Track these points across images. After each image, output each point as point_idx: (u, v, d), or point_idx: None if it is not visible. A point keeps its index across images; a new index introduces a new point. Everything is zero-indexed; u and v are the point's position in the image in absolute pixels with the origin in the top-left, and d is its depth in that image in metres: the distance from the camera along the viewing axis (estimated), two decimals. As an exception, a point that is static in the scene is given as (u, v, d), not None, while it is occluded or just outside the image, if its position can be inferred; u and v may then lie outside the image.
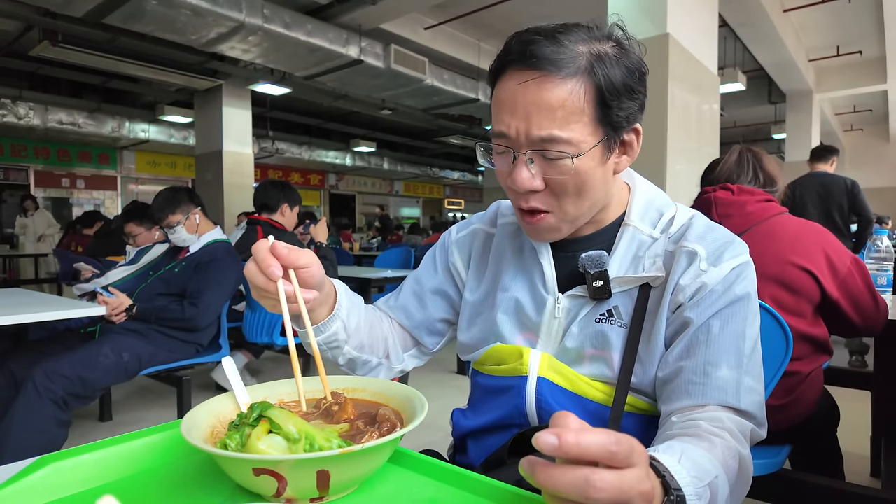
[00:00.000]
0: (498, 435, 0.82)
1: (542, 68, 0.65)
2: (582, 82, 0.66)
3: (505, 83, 0.68)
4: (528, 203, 0.71)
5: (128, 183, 12.02)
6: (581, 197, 0.71)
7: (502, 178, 0.73)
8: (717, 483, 0.54)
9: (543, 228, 0.73)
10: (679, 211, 0.78)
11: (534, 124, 0.66)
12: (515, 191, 0.71)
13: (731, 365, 0.67)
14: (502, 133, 0.69)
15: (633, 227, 0.76)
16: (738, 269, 0.71)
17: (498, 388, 0.81)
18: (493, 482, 0.52)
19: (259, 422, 0.52)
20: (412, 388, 0.64)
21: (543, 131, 0.65)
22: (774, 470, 1.31)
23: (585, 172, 0.69)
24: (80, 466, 0.56)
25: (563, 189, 0.70)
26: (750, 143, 1.61)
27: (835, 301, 1.35)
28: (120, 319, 2.26)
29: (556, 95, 0.65)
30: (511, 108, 0.67)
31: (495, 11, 6.08)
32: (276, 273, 0.62)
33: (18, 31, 6.00)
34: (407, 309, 0.91)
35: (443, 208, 19.50)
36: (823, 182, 3.77)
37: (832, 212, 3.71)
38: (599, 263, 0.73)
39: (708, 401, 0.66)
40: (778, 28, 6.09)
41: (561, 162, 0.67)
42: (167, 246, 2.69)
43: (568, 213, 0.72)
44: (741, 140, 10.82)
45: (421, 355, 0.94)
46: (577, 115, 0.66)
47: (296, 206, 3.18)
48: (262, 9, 4.90)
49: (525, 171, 0.68)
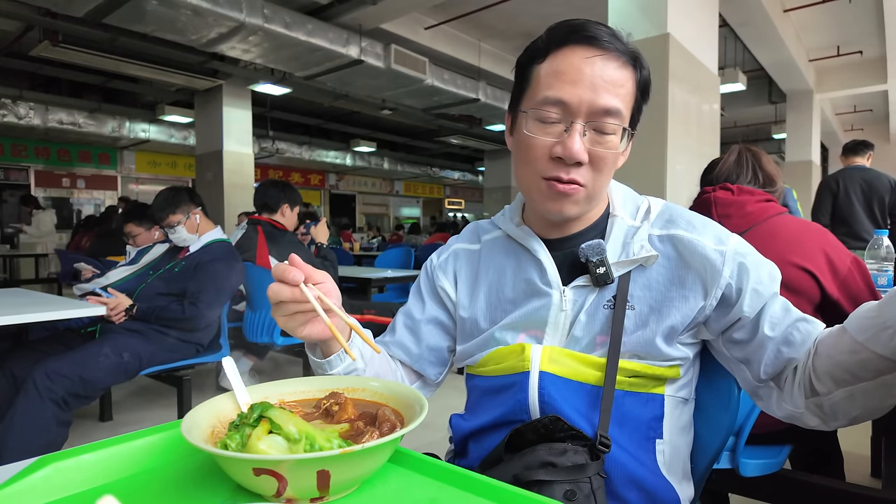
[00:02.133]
0: (499, 433, 0.81)
1: (608, 49, 0.71)
2: (632, 72, 0.74)
3: (566, 57, 0.72)
4: (570, 174, 0.73)
5: (128, 183, 12.03)
6: (607, 177, 0.76)
7: (543, 148, 0.73)
8: None
9: (575, 199, 0.75)
10: (651, 202, 0.83)
11: (600, 95, 0.70)
12: (562, 161, 0.72)
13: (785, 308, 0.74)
14: (561, 100, 0.71)
15: (620, 218, 0.81)
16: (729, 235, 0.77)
17: (498, 387, 0.81)
18: (494, 482, 0.52)
19: (259, 422, 0.52)
20: (412, 389, 0.64)
21: (609, 103, 0.70)
22: (774, 470, 1.31)
23: (618, 154, 0.74)
24: (81, 466, 0.56)
25: (603, 165, 0.73)
26: (750, 143, 1.61)
27: (835, 301, 1.35)
28: (120, 319, 2.26)
29: (621, 74, 0.72)
30: (575, 78, 0.71)
31: (495, 11, 6.08)
32: (298, 277, 0.63)
33: (19, 31, 6.00)
34: (403, 344, 0.92)
35: (443, 208, 19.50)
36: (867, 177, 3.66)
37: (874, 207, 3.61)
38: (599, 251, 0.76)
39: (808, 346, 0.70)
40: (778, 28, 6.09)
41: (611, 138, 0.72)
42: (167, 246, 2.69)
43: (596, 191, 0.76)
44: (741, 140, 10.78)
45: (426, 387, 0.95)
46: (629, 97, 0.73)
47: (296, 207, 3.18)
48: (263, 9, 4.90)
49: (579, 140, 0.71)
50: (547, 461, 0.68)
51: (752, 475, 1.27)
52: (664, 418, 0.78)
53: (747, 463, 1.27)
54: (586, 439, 0.71)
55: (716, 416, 0.89)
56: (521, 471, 0.68)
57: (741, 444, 1.22)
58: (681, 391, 0.80)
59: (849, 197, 3.62)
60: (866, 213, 3.57)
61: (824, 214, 3.67)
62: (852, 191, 3.62)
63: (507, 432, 0.76)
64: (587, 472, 0.67)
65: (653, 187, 3.26)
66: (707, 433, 0.89)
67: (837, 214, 3.64)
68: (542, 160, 0.74)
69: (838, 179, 3.67)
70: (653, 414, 0.77)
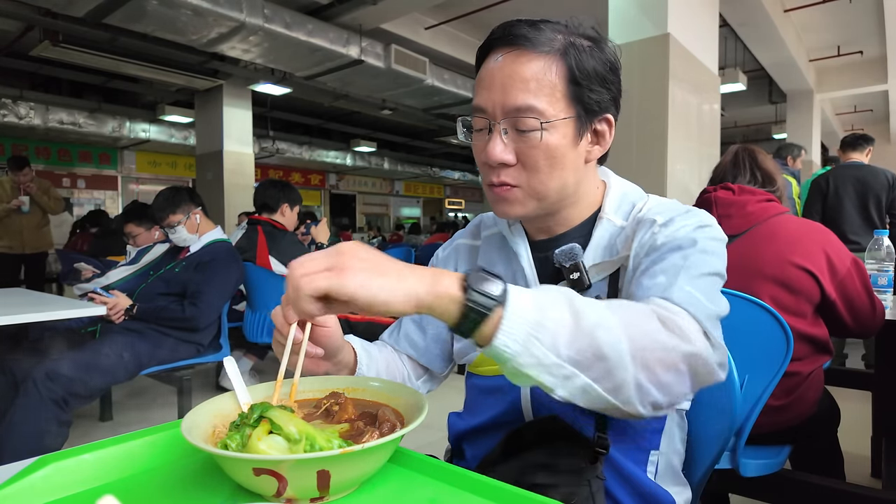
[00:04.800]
0: (493, 434, 0.82)
1: (519, 44, 0.70)
2: (555, 60, 0.70)
3: (485, 64, 0.73)
4: (499, 177, 0.73)
5: (128, 183, 12.02)
6: (551, 175, 0.72)
7: (479, 154, 0.75)
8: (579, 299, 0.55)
9: (511, 200, 0.74)
10: (650, 199, 0.79)
11: (509, 95, 0.69)
12: (489, 164, 0.73)
13: (668, 274, 0.65)
14: (480, 107, 0.73)
15: (607, 219, 0.78)
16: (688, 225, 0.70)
17: (492, 388, 0.82)
18: (494, 482, 0.52)
19: (259, 422, 0.52)
20: (413, 389, 0.64)
21: (518, 101, 0.69)
22: (775, 470, 1.31)
23: (556, 148, 0.71)
24: (81, 466, 0.57)
25: (534, 163, 0.71)
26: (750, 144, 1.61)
27: (832, 301, 1.35)
28: (119, 319, 2.26)
29: (530, 68, 0.69)
30: (489, 83, 0.71)
31: (495, 11, 6.08)
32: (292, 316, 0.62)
33: (19, 30, 6.00)
34: (410, 337, 0.92)
35: (443, 208, 19.49)
36: (861, 175, 3.48)
37: (869, 206, 3.44)
38: (572, 256, 0.75)
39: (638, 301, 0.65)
40: (779, 28, 6.08)
41: (532, 135, 0.70)
42: (167, 246, 2.69)
43: (537, 190, 0.73)
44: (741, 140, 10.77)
45: (432, 380, 0.96)
46: (548, 87, 0.69)
47: (296, 207, 3.18)
48: (263, 9, 4.90)
49: (499, 141, 0.71)
50: (545, 463, 0.67)
51: (752, 475, 1.27)
52: (664, 431, 0.77)
53: (747, 463, 1.27)
54: (585, 440, 0.70)
55: (715, 419, 0.89)
56: (520, 473, 0.68)
57: (741, 444, 1.22)
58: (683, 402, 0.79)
59: (839, 197, 3.49)
60: (859, 213, 3.44)
61: (814, 215, 3.56)
62: (843, 191, 3.49)
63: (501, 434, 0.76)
64: (586, 474, 0.67)
65: (653, 187, 3.25)
66: (706, 436, 0.89)
67: (827, 215, 3.52)
68: (482, 167, 0.76)
69: (829, 179, 3.54)
70: (652, 426, 0.76)
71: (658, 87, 3.25)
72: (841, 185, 3.50)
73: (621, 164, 3.39)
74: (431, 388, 0.96)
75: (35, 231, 4.84)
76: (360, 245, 0.54)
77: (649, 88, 3.29)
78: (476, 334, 0.53)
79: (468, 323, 0.52)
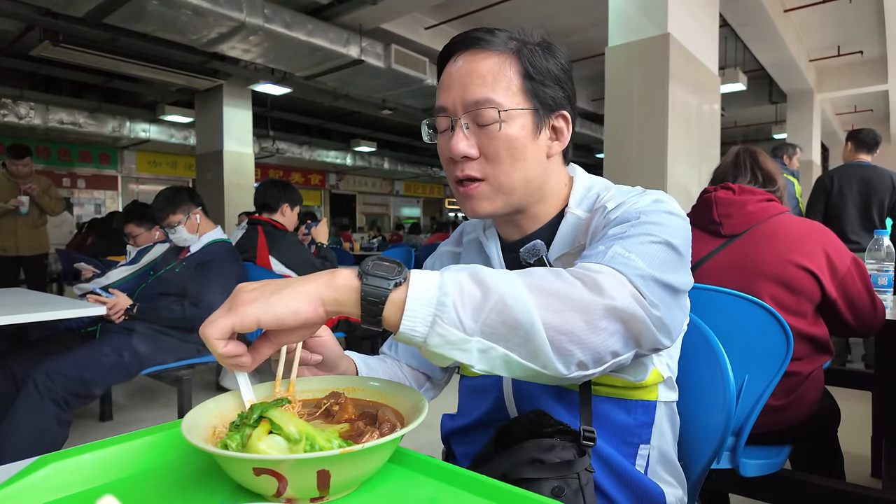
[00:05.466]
0: (480, 432, 0.84)
1: (474, 46, 0.74)
2: (509, 57, 0.74)
3: (446, 68, 0.77)
4: (464, 171, 0.75)
5: (128, 183, 12.02)
6: (513, 166, 0.74)
7: (443, 154, 0.78)
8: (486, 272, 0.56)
9: (478, 196, 0.76)
10: (612, 189, 0.80)
11: (468, 90, 0.73)
12: (453, 159, 0.75)
13: (605, 244, 0.65)
14: (442, 107, 0.76)
15: (571, 213, 0.79)
16: (638, 205, 0.70)
17: (478, 388, 0.84)
18: (494, 482, 0.52)
19: (259, 422, 0.52)
20: (413, 389, 0.64)
21: (477, 94, 0.72)
22: (774, 470, 1.31)
23: (516, 139, 0.73)
24: (81, 466, 0.57)
25: (496, 155, 0.74)
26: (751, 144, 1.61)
27: (832, 301, 1.35)
28: (119, 319, 2.26)
29: (486, 64, 0.73)
30: (448, 84, 0.75)
31: (495, 11, 6.08)
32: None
33: (19, 30, 6.00)
34: (409, 347, 0.94)
35: (443, 208, 19.50)
36: (866, 175, 3.43)
37: (871, 207, 3.41)
38: (536, 252, 0.77)
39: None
40: (779, 28, 6.08)
41: (491, 126, 0.73)
42: (168, 246, 2.69)
43: (502, 183, 0.75)
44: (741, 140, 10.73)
45: (434, 388, 0.97)
46: (504, 81, 0.73)
47: (296, 206, 3.17)
48: (263, 9, 4.90)
49: (461, 136, 0.74)
50: (535, 458, 0.68)
51: (752, 475, 1.27)
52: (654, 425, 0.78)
53: (747, 463, 1.27)
54: (573, 433, 0.71)
55: (709, 416, 0.89)
56: (510, 468, 0.68)
57: (741, 444, 1.22)
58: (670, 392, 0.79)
59: (842, 196, 3.47)
60: (860, 213, 3.43)
61: (817, 213, 3.56)
62: (847, 190, 3.46)
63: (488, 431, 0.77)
64: (575, 468, 0.67)
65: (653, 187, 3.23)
66: (701, 433, 0.89)
67: (830, 213, 3.52)
68: (446, 164, 0.78)
69: (833, 177, 3.52)
70: (640, 419, 0.77)
71: (658, 87, 3.25)
72: (845, 184, 3.48)
73: (621, 163, 3.40)
74: (434, 395, 0.98)
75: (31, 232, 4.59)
76: (247, 283, 0.56)
77: (649, 88, 3.30)
78: (384, 322, 0.54)
79: (371, 310, 0.53)
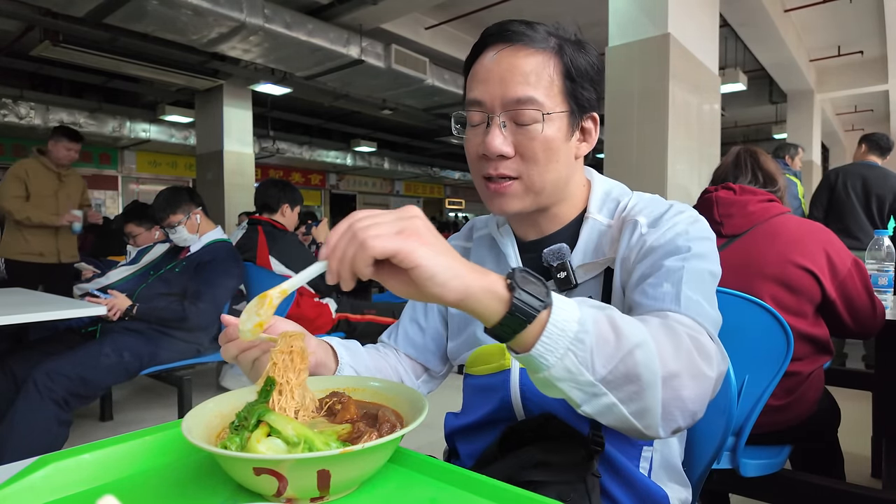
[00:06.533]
0: (486, 431, 0.83)
1: (516, 40, 0.72)
2: (551, 56, 0.72)
3: (480, 60, 0.74)
4: (498, 170, 0.73)
5: (129, 183, 12.01)
6: (547, 167, 0.73)
7: (473, 149, 0.75)
8: (622, 320, 0.54)
9: (510, 195, 0.75)
10: (633, 196, 0.80)
11: (509, 87, 0.70)
12: (487, 157, 0.73)
13: (671, 282, 0.66)
14: (476, 100, 0.73)
15: (593, 218, 0.79)
16: (678, 225, 0.71)
17: (484, 386, 0.83)
18: (494, 482, 0.52)
19: (258, 426, 0.52)
20: (413, 388, 0.64)
21: (519, 93, 0.70)
22: (775, 470, 1.31)
23: (553, 140, 0.72)
24: (81, 466, 0.57)
25: (533, 155, 0.72)
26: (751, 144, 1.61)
27: (832, 301, 1.35)
28: (116, 317, 2.26)
29: (530, 62, 0.71)
30: (485, 77, 0.72)
31: (495, 11, 6.07)
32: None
33: (19, 30, 6.00)
34: (409, 336, 0.93)
35: (443, 208, 19.49)
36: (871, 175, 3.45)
37: (871, 207, 3.43)
38: (560, 255, 0.76)
39: (647, 311, 0.65)
40: (779, 28, 6.08)
41: (532, 127, 0.71)
42: (168, 246, 2.69)
43: (534, 182, 0.74)
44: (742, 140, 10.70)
45: (432, 380, 0.96)
46: (546, 81, 0.71)
47: (297, 207, 3.17)
48: (263, 9, 4.90)
49: (498, 134, 0.71)
50: (541, 460, 0.67)
51: (752, 475, 1.27)
52: None
53: (747, 463, 1.27)
54: (581, 437, 0.70)
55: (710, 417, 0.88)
56: (516, 470, 0.68)
57: (741, 444, 1.22)
58: None
59: (847, 193, 3.49)
60: (864, 210, 3.45)
61: (819, 209, 3.58)
62: (851, 187, 3.48)
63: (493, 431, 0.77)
64: (582, 472, 0.67)
65: (653, 187, 3.25)
66: (703, 435, 0.88)
67: (833, 210, 3.54)
68: (475, 160, 0.76)
69: (838, 174, 3.55)
70: None
71: (658, 87, 3.25)
72: (850, 182, 3.50)
73: (621, 164, 3.39)
74: (431, 388, 0.97)
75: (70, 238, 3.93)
76: (418, 213, 0.53)
77: (649, 88, 3.30)
78: (514, 339, 0.51)
79: (510, 325, 0.50)
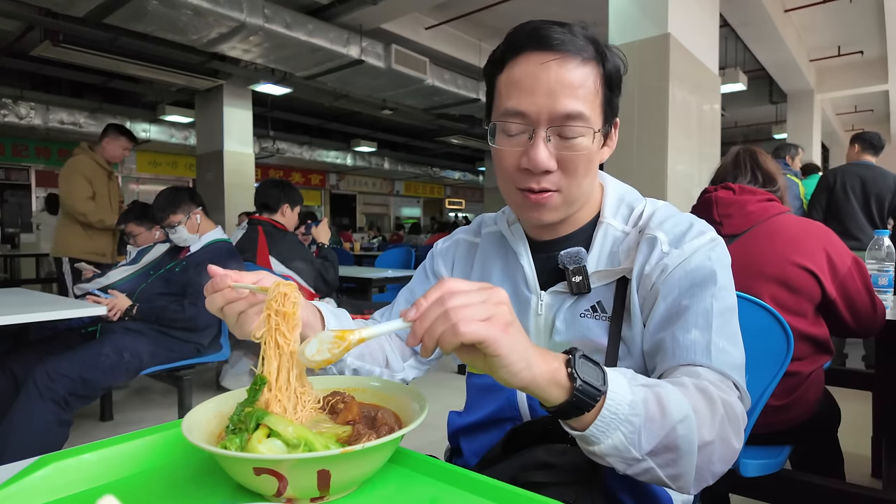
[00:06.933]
0: (490, 431, 0.82)
1: (562, 50, 0.68)
2: (595, 67, 0.71)
3: (521, 65, 0.70)
4: (541, 184, 0.72)
5: (129, 183, 12.02)
6: (585, 178, 0.73)
7: (511, 159, 0.72)
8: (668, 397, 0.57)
9: (550, 206, 0.74)
10: (647, 204, 0.80)
11: (558, 101, 0.68)
12: (530, 171, 0.71)
13: (700, 328, 0.67)
14: (520, 111, 0.70)
15: (607, 223, 0.78)
16: (700, 250, 0.71)
17: (490, 385, 0.82)
18: (494, 482, 0.52)
19: (258, 428, 0.52)
20: (413, 388, 0.64)
21: (569, 107, 0.68)
22: (775, 470, 1.31)
23: (593, 154, 0.72)
24: (81, 466, 0.57)
25: (574, 169, 0.71)
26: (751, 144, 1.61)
27: (832, 301, 1.35)
28: (116, 316, 2.26)
29: (578, 75, 0.69)
30: (531, 87, 0.69)
31: (495, 11, 6.07)
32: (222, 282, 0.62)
33: (20, 31, 6.00)
34: None
35: (444, 208, 19.49)
36: (869, 175, 3.46)
37: (871, 206, 3.45)
38: (578, 259, 0.75)
39: (678, 361, 0.66)
40: (779, 28, 6.08)
41: (577, 141, 0.70)
42: (168, 246, 2.69)
43: (572, 194, 0.74)
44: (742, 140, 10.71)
45: (419, 365, 0.94)
46: (593, 95, 0.70)
47: (297, 206, 3.17)
48: (263, 9, 4.90)
49: (544, 149, 0.69)
50: (545, 462, 0.67)
51: (752, 475, 1.27)
52: None
53: (747, 463, 1.27)
54: None
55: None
56: (519, 471, 0.68)
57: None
58: None
59: (845, 193, 3.50)
60: (864, 210, 3.46)
61: (818, 210, 3.59)
62: (850, 187, 3.49)
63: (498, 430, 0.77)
64: (585, 474, 0.67)
65: (653, 187, 3.25)
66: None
67: (832, 210, 3.54)
68: (513, 171, 0.73)
69: (836, 174, 3.56)
70: None
71: (658, 87, 3.25)
72: (848, 182, 3.51)
73: (621, 164, 3.39)
74: (417, 374, 0.94)
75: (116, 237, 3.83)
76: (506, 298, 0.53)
77: (649, 88, 3.29)
78: (571, 421, 0.56)
79: (569, 412, 0.54)
